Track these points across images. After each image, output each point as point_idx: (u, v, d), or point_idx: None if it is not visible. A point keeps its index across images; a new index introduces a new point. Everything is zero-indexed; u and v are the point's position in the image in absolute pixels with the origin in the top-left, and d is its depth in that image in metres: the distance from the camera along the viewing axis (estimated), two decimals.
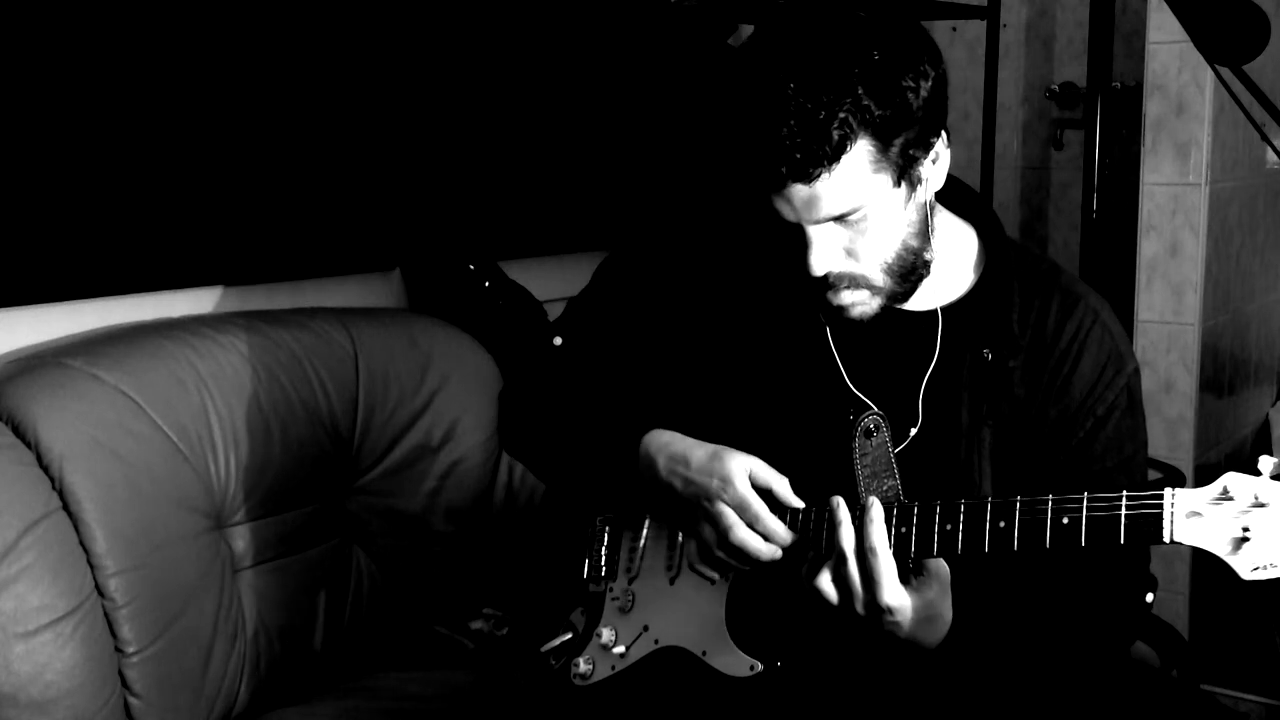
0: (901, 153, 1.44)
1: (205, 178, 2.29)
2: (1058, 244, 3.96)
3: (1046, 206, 3.99)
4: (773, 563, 1.53)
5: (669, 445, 1.58)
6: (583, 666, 1.66)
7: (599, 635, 1.66)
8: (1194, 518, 1.28)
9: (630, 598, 1.66)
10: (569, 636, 1.69)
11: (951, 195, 1.60)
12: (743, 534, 1.52)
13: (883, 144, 1.41)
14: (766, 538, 1.53)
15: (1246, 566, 1.26)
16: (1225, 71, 2.25)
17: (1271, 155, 3.35)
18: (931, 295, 1.59)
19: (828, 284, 1.50)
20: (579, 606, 1.70)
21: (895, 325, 1.58)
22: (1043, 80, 3.90)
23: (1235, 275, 3.32)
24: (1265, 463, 1.27)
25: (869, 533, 1.42)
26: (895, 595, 1.42)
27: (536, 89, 2.86)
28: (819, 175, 1.40)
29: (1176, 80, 3.08)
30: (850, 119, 1.39)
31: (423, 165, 2.66)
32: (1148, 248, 3.16)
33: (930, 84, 1.44)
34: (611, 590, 1.68)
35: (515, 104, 2.82)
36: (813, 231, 1.45)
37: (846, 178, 1.41)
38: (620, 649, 1.64)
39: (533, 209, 2.90)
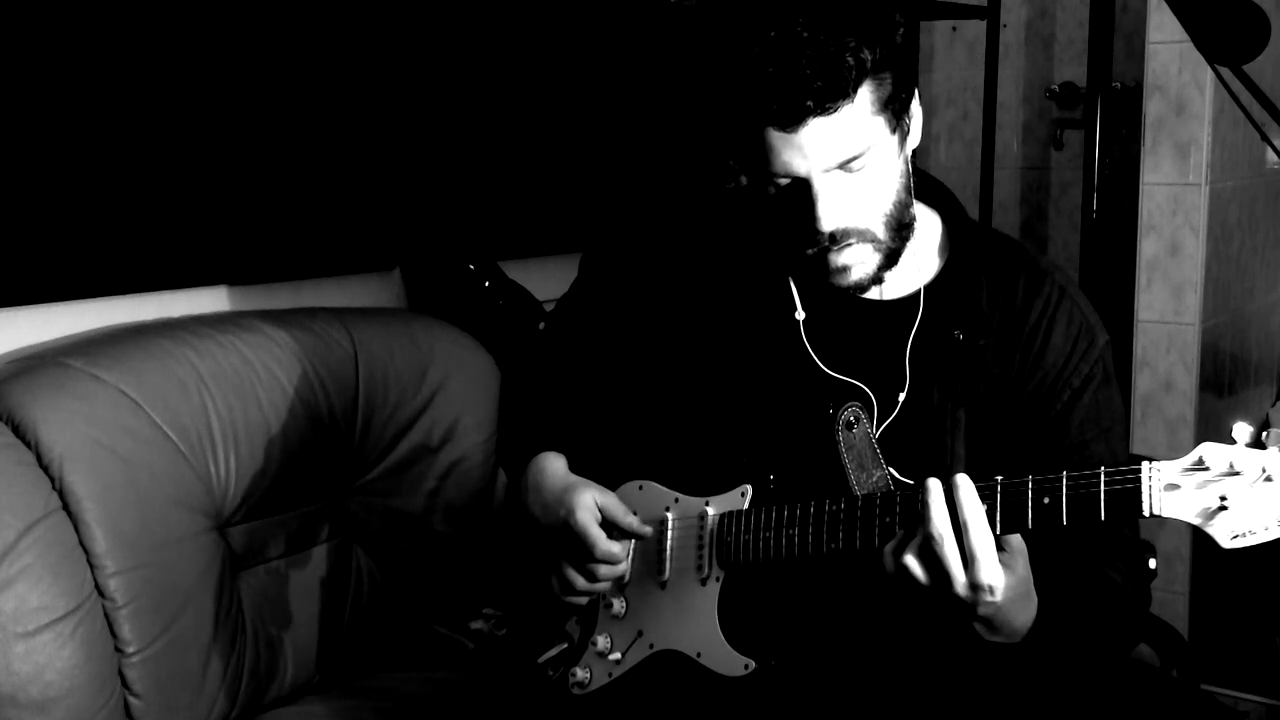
0: (893, 96, 1.47)
1: (205, 178, 2.29)
2: (1058, 244, 3.96)
3: (1046, 206, 3.99)
4: (765, 562, 1.54)
5: (540, 473, 1.66)
6: (580, 675, 1.66)
7: (594, 643, 1.67)
8: (1172, 490, 1.27)
9: (623, 604, 1.66)
10: (565, 646, 1.69)
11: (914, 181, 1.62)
12: (589, 567, 1.61)
13: (879, 84, 1.45)
14: (608, 562, 1.60)
15: (1226, 535, 1.25)
16: (1225, 71, 2.25)
17: (1271, 155, 3.34)
18: (901, 281, 1.60)
19: (831, 242, 1.50)
20: (573, 615, 1.71)
21: (866, 315, 1.59)
22: (1043, 80, 3.90)
23: (1235, 275, 3.32)
24: (1240, 430, 1.26)
25: (962, 508, 1.36)
26: (993, 572, 1.35)
27: (537, 89, 2.86)
28: (839, 107, 1.42)
29: (1176, 80, 3.08)
30: (860, 51, 1.42)
31: (422, 165, 2.66)
32: (1148, 248, 3.16)
33: (903, 30, 1.48)
34: (604, 598, 1.68)
35: (515, 104, 2.82)
36: (820, 182, 1.46)
37: (857, 115, 1.44)
38: (616, 655, 1.65)
39: (532, 209, 2.90)
